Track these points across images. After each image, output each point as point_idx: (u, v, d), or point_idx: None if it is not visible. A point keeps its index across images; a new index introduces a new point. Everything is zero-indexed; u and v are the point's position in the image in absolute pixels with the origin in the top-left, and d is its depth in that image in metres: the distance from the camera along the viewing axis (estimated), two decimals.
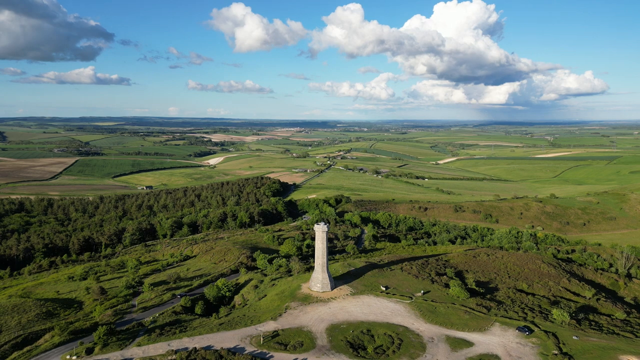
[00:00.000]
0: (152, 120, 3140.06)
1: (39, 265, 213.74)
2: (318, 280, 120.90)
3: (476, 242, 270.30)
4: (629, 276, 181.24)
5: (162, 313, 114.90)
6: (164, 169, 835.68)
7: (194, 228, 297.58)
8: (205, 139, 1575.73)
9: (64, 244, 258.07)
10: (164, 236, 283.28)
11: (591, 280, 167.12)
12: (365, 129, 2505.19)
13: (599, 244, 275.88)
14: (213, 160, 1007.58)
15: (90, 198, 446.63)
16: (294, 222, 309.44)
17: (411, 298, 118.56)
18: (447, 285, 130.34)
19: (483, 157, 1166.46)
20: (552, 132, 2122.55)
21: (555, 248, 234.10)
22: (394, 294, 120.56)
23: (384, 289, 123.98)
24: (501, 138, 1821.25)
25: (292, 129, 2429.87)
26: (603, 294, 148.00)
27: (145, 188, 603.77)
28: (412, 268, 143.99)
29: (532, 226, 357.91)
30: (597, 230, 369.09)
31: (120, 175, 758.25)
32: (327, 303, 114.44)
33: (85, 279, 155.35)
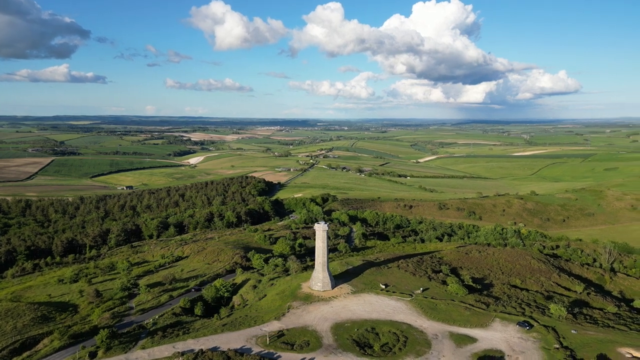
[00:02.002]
0: (129, 119, 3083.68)
1: (22, 268, 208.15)
2: (319, 279, 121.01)
3: (463, 239, 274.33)
4: (612, 270, 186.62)
5: (162, 315, 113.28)
6: (144, 168, 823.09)
7: (181, 228, 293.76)
8: (185, 138, 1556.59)
9: (47, 246, 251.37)
10: (150, 237, 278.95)
11: (578, 275, 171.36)
12: (346, 128, 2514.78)
13: (580, 240, 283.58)
14: (193, 160, 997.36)
15: (70, 199, 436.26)
16: (281, 221, 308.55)
17: (411, 295, 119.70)
18: (444, 282, 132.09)
19: (463, 155, 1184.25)
20: (528, 130, 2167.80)
21: (540, 244, 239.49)
22: (394, 292, 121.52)
23: (383, 287, 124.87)
24: (479, 136, 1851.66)
25: (272, 127, 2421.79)
26: (592, 289, 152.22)
27: (125, 188, 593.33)
28: (408, 266, 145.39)
29: (515, 223, 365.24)
30: (576, 226, 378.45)
31: (99, 175, 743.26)
32: (329, 302, 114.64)
33: (76, 281, 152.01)
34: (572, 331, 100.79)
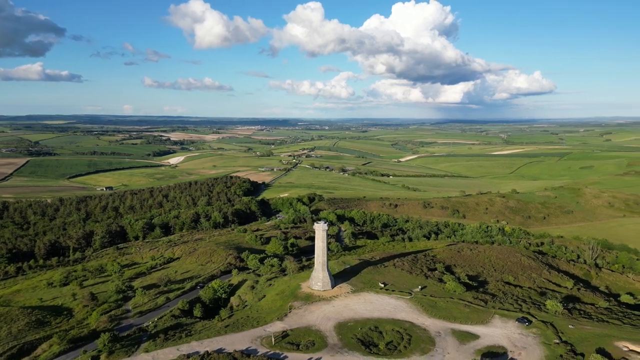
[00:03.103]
0: (105, 118, 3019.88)
1: (5, 271, 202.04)
2: (319, 278, 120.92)
3: (449, 237, 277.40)
4: (597, 266, 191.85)
5: (161, 317, 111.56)
6: (123, 169, 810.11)
7: (167, 229, 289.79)
8: (164, 138, 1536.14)
9: (29, 249, 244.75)
10: (136, 238, 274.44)
11: (565, 271, 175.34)
12: (327, 128, 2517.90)
13: (562, 237, 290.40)
14: (174, 160, 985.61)
15: (49, 200, 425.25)
16: (268, 221, 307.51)
17: (410, 294, 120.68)
18: (441, 280, 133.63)
19: (443, 154, 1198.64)
20: (505, 130, 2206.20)
21: (526, 241, 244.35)
22: (393, 290, 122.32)
23: (382, 285, 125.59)
24: (458, 136, 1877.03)
25: (253, 127, 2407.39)
26: (581, 284, 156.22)
27: (105, 189, 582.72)
28: (404, 264, 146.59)
29: (497, 220, 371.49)
30: (556, 224, 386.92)
31: (76, 176, 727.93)
32: (330, 301, 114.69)
33: (66, 284, 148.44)
34: (570, 326, 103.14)
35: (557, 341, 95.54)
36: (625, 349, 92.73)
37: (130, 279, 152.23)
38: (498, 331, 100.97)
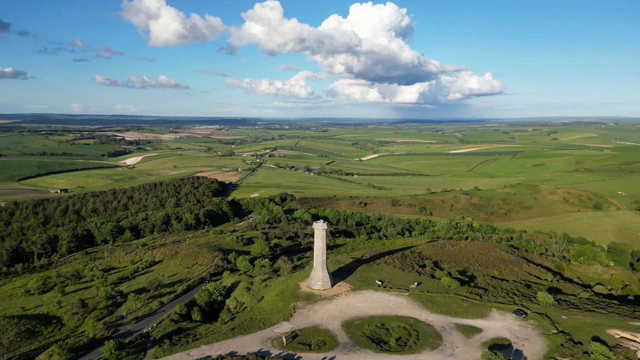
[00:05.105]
0: (53, 117, 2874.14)
1: None
2: (318, 278, 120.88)
3: (422, 233, 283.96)
4: (564, 259, 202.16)
5: (160, 322, 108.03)
6: (77, 170, 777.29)
7: (136, 232, 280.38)
8: (118, 138, 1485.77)
9: None
10: (105, 242, 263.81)
11: (540, 264, 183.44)
12: (287, 127, 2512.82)
13: (525, 231, 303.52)
14: (130, 160, 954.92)
15: (2, 204, 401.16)
16: (241, 222, 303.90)
17: (408, 290, 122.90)
18: (433, 276, 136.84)
19: (403, 153, 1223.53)
20: (459, 129, 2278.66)
21: (497, 236, 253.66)
22: (391, 288, 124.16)
23: (379, 283, 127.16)
24: (415, 135, 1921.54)
25: (211, 126, 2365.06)
26: (558, 276, 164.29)
27: (60, 191, 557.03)
28: (394, 261, 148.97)
29: (463, 217, 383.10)
30: (517, 219, 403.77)
31: (26, 178, 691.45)
32: (332, 300, 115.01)
33: (45, 292, 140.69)
34: (563, 317, 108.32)
35: (555, 331, 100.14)
36: (617, 336, 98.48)
37: (114, 284, 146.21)
38: (498, 324, 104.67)
